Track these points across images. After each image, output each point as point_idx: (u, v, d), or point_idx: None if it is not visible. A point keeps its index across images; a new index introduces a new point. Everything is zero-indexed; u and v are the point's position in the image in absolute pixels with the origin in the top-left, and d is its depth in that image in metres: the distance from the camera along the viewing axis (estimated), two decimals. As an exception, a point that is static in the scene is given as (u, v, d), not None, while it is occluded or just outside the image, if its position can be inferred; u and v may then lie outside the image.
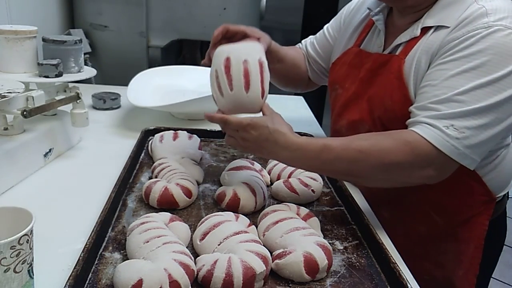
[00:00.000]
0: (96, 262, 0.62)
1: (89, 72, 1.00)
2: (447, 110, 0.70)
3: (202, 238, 0.65)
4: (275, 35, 0.98)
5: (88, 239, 0.63)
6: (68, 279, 0.55)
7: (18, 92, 0.78)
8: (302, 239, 0.64)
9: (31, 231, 0.52)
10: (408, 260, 0.81)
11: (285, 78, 1.12)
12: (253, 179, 0.81)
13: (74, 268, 0.57)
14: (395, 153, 0.70)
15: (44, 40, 0.94)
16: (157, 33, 1.76)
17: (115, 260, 0.63)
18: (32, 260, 0.54)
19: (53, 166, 0.94)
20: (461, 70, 0.70)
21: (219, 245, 0.63)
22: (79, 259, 0.58)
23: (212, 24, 1.76)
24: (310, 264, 0.60)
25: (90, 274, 0.60)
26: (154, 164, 0.89)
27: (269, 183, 0.89)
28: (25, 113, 0.82)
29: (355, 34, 0.97)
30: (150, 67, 1.54)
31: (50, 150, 0.94)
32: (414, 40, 0.80)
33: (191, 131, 1.04)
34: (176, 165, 0.87)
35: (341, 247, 0.70)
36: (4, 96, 0.75)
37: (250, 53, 0.75)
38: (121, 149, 1.04)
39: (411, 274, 0.67)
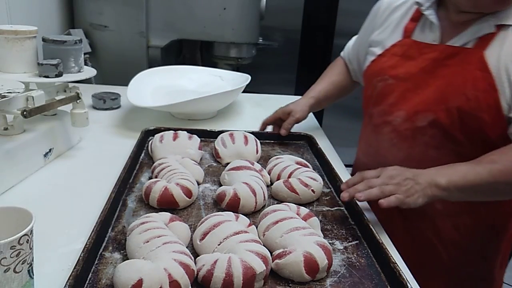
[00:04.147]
0: (96, 262, 0.62)
1: (89, 72, 1.00)
2: None
3: (202, 238, 0.65)
4: (275, 35, 1.00)
5: (88, 239, 0.63)
6: (68, 279, 0.55)
7: (18, 92, 0.78)
8: (302, 239, 0.64)
9: (31, 231, 0.52)
10: (455, 253, 0.92)
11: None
12: (253, 179, 0.81)
13: (74, 268, 0.57)
14: None
15: (44, 40, 0.94)
16: (157, 33, 1.76)
17: (115, 260, 0.63)
18: (32, 260, 0.54)
19: (53, 166, 0.94)
20: None
21: (219, 245, 0.63)
22: (79, 259, 0.58)
23: (212, 24, 1.76)
24: (310, 264, 0.60)
25: (90, 274, 0.60)
26: (154, 164, 0.89)
27: (269, 183, 0.89)
28: (25, 113, 0.82)
29: (398, 28, 0.99)
30: (150, 67, 1.54)
31: (50, 150, 0.94)
32: (489, 35, 0.84)
33: (191, 131, 1.04)
34: (176, 165, 0.87)
35: (341, 247, 0.70)
36: (4, 96, 0.75)
37: None
38: (121, 149, 1.04)
39: (411, 274, 0.67)
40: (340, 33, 2.61)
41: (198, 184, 0.86)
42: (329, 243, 0.67)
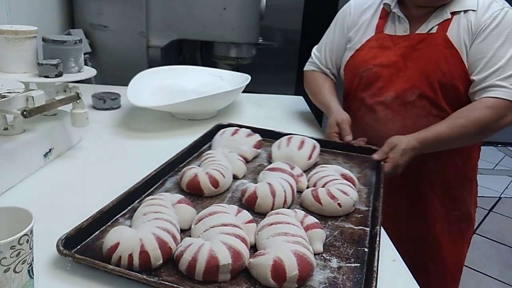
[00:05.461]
0: (108, 223, 0.70)
1: (89, 72, 1.00)
2: (507, 73, 1.01)
3: (196, 223, 0.68)
4: (275, 35, 1.01)
5: (108, 203, 0.71)
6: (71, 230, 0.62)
7: (18, 92, 0.78)
8: (281, 244, 0.62)
9: (31, 231, 0.52)
10: (445, 201, 1.18)
11: None
12: (279, 181, 0.80)
13: (82, 222, 0.65)
14: (485, 117, 1.00)
15: (44, 40, 0.94)
16: (157, 33, 1.76)
17: (124, 225, 0.68)
18: (32, 260, 0.54)
19: (53, 166, 0.94)
20: (501, 42, 1.02)
21: (204, 231, 0.65)
22: (89, 217, 0.67)
23: (212, 24, 1.76)
24: (278, 270, 0.58)
25: (98, 232, 0.67)
26: (203, 154, 0.94)
27: (304, 189, 0.86)
28: (25, 113, 0.82)
29: (370, 26, 1.19)
30: (150, 67, 1.54)
31: (50, 150, 0.94)
32: (447, 21, 1.07)
33: (259, 131, 1.08)
34: (219, 157, 0.90)
35: (335, 266, 0.65)
36: (4, 96, 0.75)
37: None
38: (121, 149, 1.04)
39: None
40: (340, 33, 2.60)
41: (237, 178, 0.89)
42: (325, 259, 0.65)
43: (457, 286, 1.29)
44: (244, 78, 1.38)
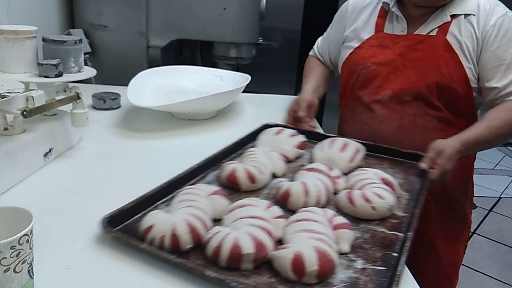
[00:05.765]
0: (150, 208, 0.75)
1: (89, 72, 1.00)
2: None
3: (228, 214, 0.71)
4: (275, 35, 1.01)
5: (151, 190, 0.76)
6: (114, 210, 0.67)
7: (18, 92, 0.78)
8: (304, 240, 0.63)
9: (31, 231, 0.52)
10: (441, 201, 1.17)
11: (328, 86, 1.39)
12: (313, 181, 0.81)
13: (124, 205, 0.71)
14: None
15: (44, 40, 0.94)
16: (157, 33, 1.76)
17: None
18: (32, 260, 0.54)
19: (53, 166, 0.94)
20: None
21: (233, 222, 0.68)
22: (132, 200, 0.72)
23: (212, 24, 1.76)
24: (298, 264, 0.60)
25: (139, 214, 0.72)
26: (245, 151, 0.96)
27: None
28: (25, 113, 0.82)
29: (369, 24, 1.20)
30: (150, 67, 1.54)
31: (50, 150, 0.94)
32: (447, 24, 1.08)
33: (302, 131, 1.09)
34: (260, 154, 0.92)
35: (360, 267, 0.64)
36: (4, 96, 0.75)
37: None
38: (121, 149, 1.04)
39: None
40: (340, 33, 2.61)
41: (276, 176, 0.91)
42: (350, 260, 0.65)
43: (454, 287, 1.28)
44: (244, 78, 1.38)
